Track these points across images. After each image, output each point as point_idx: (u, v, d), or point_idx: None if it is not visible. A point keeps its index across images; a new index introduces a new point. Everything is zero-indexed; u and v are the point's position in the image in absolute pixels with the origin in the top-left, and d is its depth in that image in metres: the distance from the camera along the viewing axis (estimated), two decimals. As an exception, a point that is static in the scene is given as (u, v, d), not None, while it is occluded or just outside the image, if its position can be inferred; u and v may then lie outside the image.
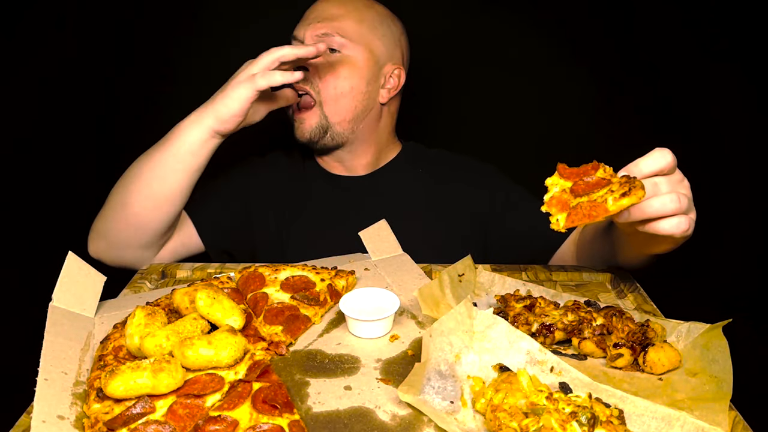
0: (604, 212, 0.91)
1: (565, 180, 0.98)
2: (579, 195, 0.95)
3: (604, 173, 0.95)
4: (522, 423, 0.77)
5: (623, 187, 0.91)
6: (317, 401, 0.89)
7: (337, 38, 1.54)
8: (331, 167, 1.68)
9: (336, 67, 1.54)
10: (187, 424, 0.82)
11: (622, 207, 0.90)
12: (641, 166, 0.98)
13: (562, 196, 0.97)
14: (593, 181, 0.94)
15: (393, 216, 1.45)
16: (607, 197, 0.91)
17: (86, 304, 1.08)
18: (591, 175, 0.95)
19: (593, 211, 0.92)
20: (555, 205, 0.97)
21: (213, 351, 0.92)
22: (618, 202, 0.90)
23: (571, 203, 0.95)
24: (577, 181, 0.96)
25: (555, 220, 0.96)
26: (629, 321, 1.01)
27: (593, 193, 0.94)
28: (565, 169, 0.99)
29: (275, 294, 1.13)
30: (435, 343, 0.90)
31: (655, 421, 0.80)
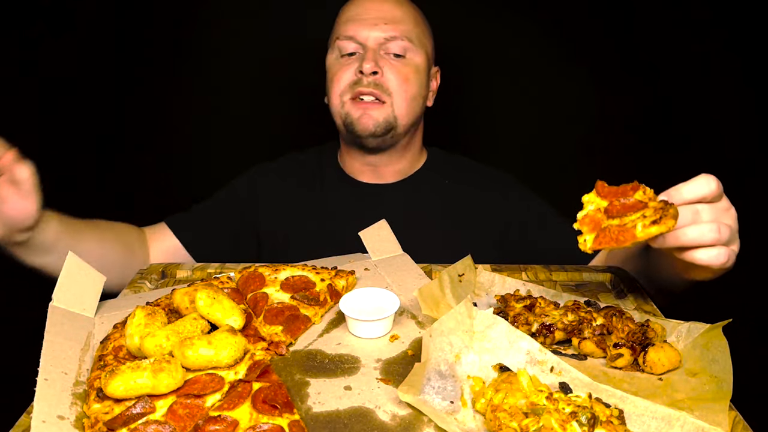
0: (631, 238, 0.89)
1: (602, 199, 0.95)
2: (612, 216, 0.92)
3: (643, 195, 0.92)
4: (522, 423, 0.77)
5: (656, 213, 0.88)
6: (317, 401, 0.89)
7: (404, 42, 1.52)
8: (359, 174, 1.64)
9: (405, 72, 1.52)
10: (187, 424, 0.82)
11: (649, 235, 0.88)
12: (682, 191, 0.94)
13: (596, 215, 0.94)
14: (629, 203, 0.91)
15: (418, 226, 1.44)
16: (637, 223, 0.89)
17: (86, 304, 1.08)
18: (629, 196, 0.92)
19: (621, 235, 0.89)
20: (587, 224, 0.94)
21: (213, 351, 0.92)
22: (646, 229, 0.87)
23: (603, 224, 0.93)
24: (613, 201, 0.93)
25: (583, 240, 0.93)
26: (629, 321, 1.01)
27: (626, 216, 0.91)
28: (603, 187, 0.95)
29: (275, 294, 1.13)
30: (435, 343, 0.90)
31: (655, 421, 0.80)
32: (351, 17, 1.54)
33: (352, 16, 1.54)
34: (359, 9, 1.54)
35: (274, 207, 1.63)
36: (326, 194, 1.63)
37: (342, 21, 1.56)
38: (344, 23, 1.55)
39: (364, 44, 1.51)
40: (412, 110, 1.54)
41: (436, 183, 1.64)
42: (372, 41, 1.50)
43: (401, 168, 1.63)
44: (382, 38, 1.51)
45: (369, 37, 1.51)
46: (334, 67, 1.55)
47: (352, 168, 1.64)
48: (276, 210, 1.63)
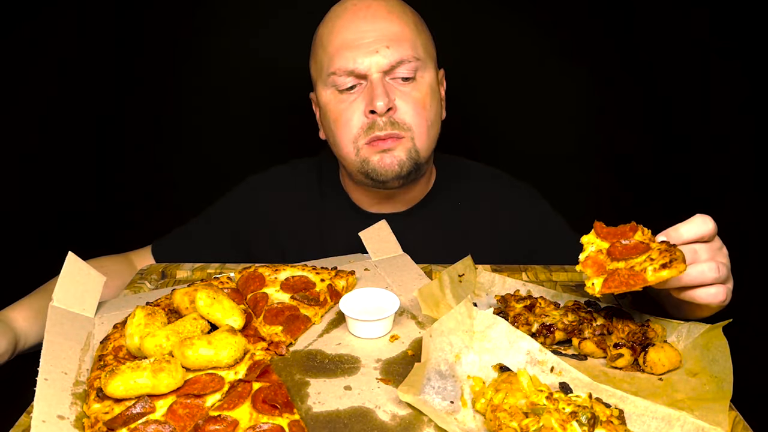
0: (642, 282, 0.88)
1: (601, 240, 0.95)
2: (616, 258, 0.93)
3: (642, 236, 0.93)
4: (522, 423, 0.77)
5: (663, 257, 0.88)
6: (317, 401, 0.89)
7: (412, 63, 1.31)
8: (367, 205, 1.49)
9: (420, 98, 1.33)
10: (187, 423, 0.82)
11: (661, 279, 0.87)
12: (681, 231, 0.93)
13: (597, 256, 0.94)
14: (631, 244, 0.92)
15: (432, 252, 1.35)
16: (647, 266, 0.88)
17: (86, 304, 1.08)
18: (629, 237, 0.93)
19: (631, 280, 0.89)
20: (590, 266, 0.94)
21: (213, 351, 0.92)
22: (657, 273, 0.87)
23: (608, 266, 0.93)
24: (614, 243, 0.93)
25: (591, 284, 0.93)
26: (629, 321, 1.01)
27: (631, 258, 0.91)
28: (602, 228, 0.96)
29: (275, 294, 1.13)
30: (435, 343, 0.90)
31: (655, 421, 0.80)
32: (344, 45, 1.30)
33: (346, 43, 1.30)
34: (352, 33, 1.30)
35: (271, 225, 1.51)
36: (329, 222, 1.49)
37: (333, 51, 1.32)
38: (338, 53, 1.31)
39: (366, 76, 1.30)
40: (433, 137, 1.37)
41: (448, 206, 1.50)
42: (375, 70, 1.29)
43: (414, 196, 1.48)
44: (386, 65, 1.29)
45: (371, 66, 1.29)
46: (335, 108, 1.34)
47: (359, 199, 1.49)
48: (273, 228, 1.51)
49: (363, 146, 1.33)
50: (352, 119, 1.32)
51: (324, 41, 1.35)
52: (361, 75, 1.30)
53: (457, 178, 1.55)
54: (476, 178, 1.56)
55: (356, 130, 1.32)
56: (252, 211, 1.53)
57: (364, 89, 1.31)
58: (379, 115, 1.29)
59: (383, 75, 1.30)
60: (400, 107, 1.31)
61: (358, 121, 1.32)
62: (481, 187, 1.54)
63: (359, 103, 1.32)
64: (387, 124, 1.30)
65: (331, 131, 1.37)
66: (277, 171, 1.58)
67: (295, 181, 1.55)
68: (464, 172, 1.56)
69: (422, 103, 1.33)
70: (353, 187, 1.49)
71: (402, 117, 1.31)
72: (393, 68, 1.30)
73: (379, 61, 1.29)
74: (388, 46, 1.29)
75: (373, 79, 1.30)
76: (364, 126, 1.31)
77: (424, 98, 1.33)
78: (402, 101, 1.31)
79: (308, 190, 1.54)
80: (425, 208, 1.50)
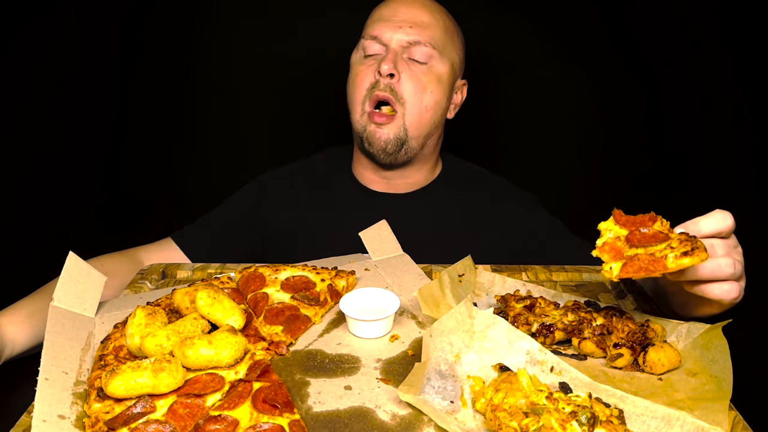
0: (662, 268, 0.87)
1: (620, 227, 0.94)
2: (635, 246, 0.91)
3: (661, 226, 0.92)
4: (522, 423, 0.77)
5: (684, 245, 0.87)
6: (317, 401, 0.89)
7: (428, 48, 1.46)
8: (371, 182, 1.60)
9: (424, 79, 1.46)
10: (187, 423, 0.82)
11: (681, 266, 0.86)
12: (701, 225, 0.93)
13: (615, 243, 0.93)
14: (650, 233, 0.91)
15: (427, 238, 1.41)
16: (667, 253, 0.87)
17: (87, 304, 1.08)
18: (648, 226, 0.92)
19: (651, 265, 0.88)
20: (607, 252, 0.93)
21: (213, 351, 0.92)
22: (679, 260, 0.86)
23: (626, 252, 0.92)
24: (633, 230, 0.92)
25: (608, 268, 0.92)
26: (629, 321, 1.02)
27: (651, 246, 0.90)
28: (621, 215, 0.95)
29: (275, 294, 1.13)
30: (435, 343, 0.90)
31: (655, 420, 0.80)
32: (379, 17, 1.51)
33: (380, 17, 1.50)
34: (388, 10, 1.50)
35: (285, 215, 1.60)
36: (338, 202, 1.60)
37: (370, 21, 1.53)
38: (372, 23, 1.51)
39: (387, 45, 1.47)
40: (425, 122, 1.49)
41: (449, 196, 1.60)
42: (395, 43, 1.46)
43: (415, 181, 1.59)
44: (405, 41, 1.46)
45: (392, 38, 1.46)
46: (356, 66, 1.52)
47: (364, 177, 1.61)
48: (286, 218, 1.59)
49: (366, 114, 1.48)
50: (363, 80, 1.48)
51: (372, 12, 1.55)
52: (383, 43, 1.47)
53: (460, 175, 1.64)
54: (479, 179, 1.65)
55: (363, 91, 1.48)
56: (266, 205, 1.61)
57: (381, 57, 1.47)
58: (382, 77, 1.44)
59: (401, 50, 1.46)
60: (403, 80, 1.45)
61: (367, 79, 1.48)
62: (482, 187, 1.62)
63: (374, 66, 1.48)
64: (387, 87, 1.45)
65: (349, 90, 1.53)
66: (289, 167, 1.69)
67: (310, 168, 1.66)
68: (468, 171, 1.66)
69: (423, 85, 1.46)
70: (359, 165, 1.61)
71: (401, 88, 1.45)
72: (410, 46, 1.46)
73: (400, 37, 1.46)
74: (411, 26, 1.46)
75: (391, 49, 1.47)
76: (369, 85, 1.47)
77: (428, 83, 1.47)
78: (407, 76, 1.45)
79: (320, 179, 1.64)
80: (426, 193, 1.60)
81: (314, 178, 1.64)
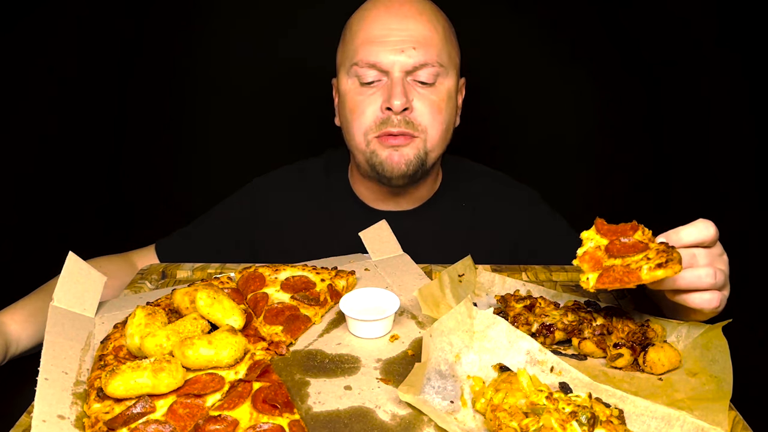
0: (636, 280, 0.88)
1: (601, 236, 0.96)
2: (614, 255, 0.93)
3: (642, 236, 0.93)
4: (522, 423, 0.77)
5: (660, 256, 0.88)
6: (317, 401, 0.89)
7: (435, 68, 1.33)
8: (373, 202, 1.51)
9: (437, 101, 1.35)
10: (187, 423, 0.82)
11: (655, 278, 0.87)
12: (682, 234, 0.93)
13: (596, 252, 0.95)
14: (630, 242, 0.92)
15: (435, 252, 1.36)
16: (642, 265, 0.89)
17: (86, 304, 1.08)
18: (629, 235, 0.93)
19: (626, 277, 0.89)
20: (588, 261, 0.95)
21: (213, 351, 0.92)
22: (652, 272, 0.87)
23: (604, 262, 0.93)
24: (613, 240, 0.94)
25: (585, 279, 0.94)
26: (629, 321, 1.02)
27: (628, 256, 0.92)
28: (603, 224, 0.96)
29: (275, 294, 1.13)
30: (435, 343, 0.90)
31: (655, 420, 0.80)
32: (371, 38, 1.32)
33: (373, 38, 1.32)
34: (380, 29, 1.32)
35: (277, 227, 1.52)
36: (336, 221, 1.51)
37: (360, 42, 1.34)
38: (363, 46, 1.33)
39: (389, 72, 1.32)
40: (444, 141, 1.40)
41: (454, 206, 1.52)
42: (398, 69, 1.31)
43: (420, 195, 1.50)
44: (410, 66, 1.31)
45: (395, 64, 1.31)
46: (353, 98, 1.37)
47: (365, 196, 1.51)
48: (278, 231, 1.53)
49: (373, 139, 1.35)
50: (366, 112, 1.35)
51: (353, 31, 1.38)
52: (383, 70, 1.33)
53: (462, 179, 1.57)
54: (480, 179, 1.58)
55: (369, 123, 1.35)
56: (257, 212, 1.54)
57: (384, 85, 1.34)
58: (394, 113, 1.32)
59: (405, 74, 1.33)
60: (416, 108, 1.33)
61: (373, 114, 1.35)
62: (485, 189, 1.56)
63: (377, 97, 1.34)
64: (401, 122, 1.32)
65: (346, 119, 1.40)
66: (283, 171, 1.60)
67: (301, 182, 1.57)
68: (469, 173, 1.59)
69: (438, 108, 1.35)
70: (361, 183, 1.51)
71: (417, 118, 1.34)
72: (416, 69, 1.32)
73: (403, 60, 1.31)
74: (414, 47, 1.31)
75: (395, 77, 1.32)
76: (378, 120, 1.34)
77: (440, 103, 1.36)
78: (419, 102, 1.34)
79: (314, 190, 1.55)
80: (431, 207, 1.52)
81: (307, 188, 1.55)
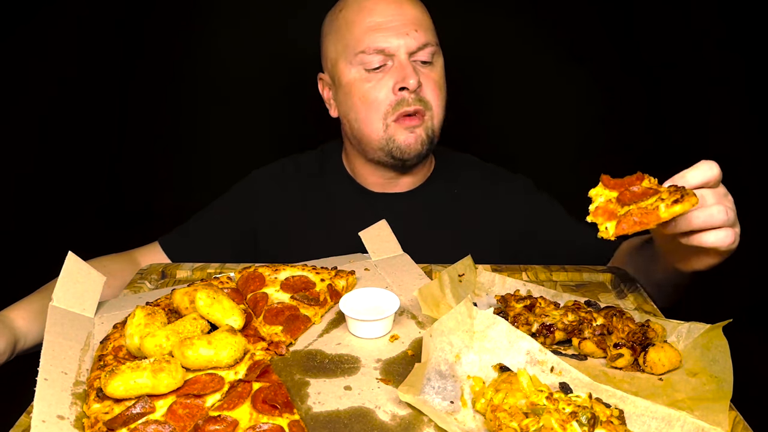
0: (656, 219, 0.89)
1: (610, 190, 0.96)
2: (627, 204, 0.93)
3: (649, 183, 0.93)
4: (522, 423, 0.77)
5: (674, 194, 0.89)
6: (317, 401, 0.89)
7: (432, 47, 1.41)
8: (371, 184, 1.55)
9: (437, 78, 1.43)
10: (187, 424, 0.82)
11: (674, 214, 0.88)
12: (688, 177, 0.95)
13: (608, 206, 0.95)
14: (640, 190, 0.93)
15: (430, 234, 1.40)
16: (659, 204, 0.89)
17: (86, 304, 1.08)
18: (636, 185, 0.94)
19: (644, 218, 0.90)
20: (601, 215, 0.95)
21: (213, 351, 0.92)
22: (670, 208, 0.88)
23: (619, 212, 0.93)
24: (623, 191, 0.94)
25: (604, 228, 0.94)
26: (629, 321, 1.01)
27: (642, 201, 0.92)
28: (609, 179, 0.97)
29: (275, 294, 1.13)
30: (435, 343, 0.90)
31: (655, 421, 0.80)
32: (374, 26, 1.39)
33: (377, 24, 1.39)
34: (381, 15, 1.39)
35: (277, 218, 1.56)
36: (334, 203, 1.55)
37: (363, 31, 1.40)
38: (368, 33, 1.39)
39: (395, 55, 1.39)
40: (443, 117, 1.46)
41: (447, 190, 1.57)
42: (404, 52, 1.38)
43: (416, 179, 1.55)
44: (414, 47, 1.39)
45: (401, 47, 1.38)
46: (361, 86, 1.41)
47: (363, 179, 1.55)
48: (278, 221, 1.55)
49: (392, 123, 1.40)
50: (379, 96, 1.40)
51: (351, 21, 1.43)
52: (389, 54, 1.39)
53: (453, 167, 1.61)
54: (472, 168, 1.62)
55: (385, 107, 1.40)
56: (257, 202, 1.57)
57: (392, 68, 1.40)
58: (410, 91, 1.38)
59: (408, 56, 1.39)
60: (423, 86, 1.40)
61: (386, 98, 1.40)
62: (478, 176, 1.60)
63: (387, 80, 1.40)
64: (415, 100, 1.39)
65: (355, 109, 1.44)
66: (280, 163, 1.63)
67: (297, 172, 1.60)
68: (460, 162, 1.63)
69: (439, 85, 1.44)
70: (363, 168, 1.54)
71: (426, 95, 1.41)
72: (418, 50, 1.40)
73: (408, 42, 1.38)
74: (416, 29, 1.39)
75: (401, 59, 1.39)
76: (393, 103, 1.40)
77: (440, 80, 1.45)
78: (424, 80, 1.41)
79: (312, 179, 1.59)
80: (425, 191, 1.57)
81: (304, 177, 1.59)
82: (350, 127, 1.48)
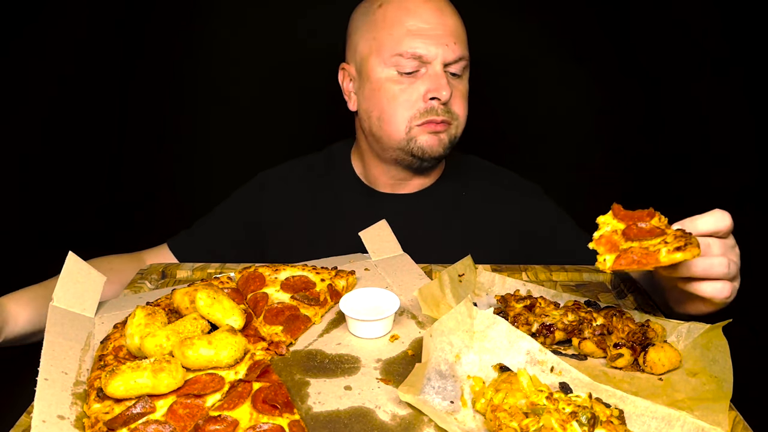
0: (655, 262, 0.89)
1: (618, 221, 0.96)
2: (631, 239, 0.93)
3: (658, 222, 0.93)
4: (522, 423, 0.77)
5: (678, 240, 0.88)
6: (317, 401, 0.89)
7: (465, 62, 1.43)
8: (381, 185, 1.55)
9: (464, 92, 1.46)
10: (187, 423, 0.82)
11: (673, 261, 0.88)
12: (698, 223, 0.94)
13: (612, 236, 0.95)
14: (647, 227, 0.92)
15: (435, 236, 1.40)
16: (661, 248, 0.89)
17: (86, 304, 1.08)
18: (645, 221, 0.93)
19: (644, 258, 0.89)
20: (604, 244, 0.94)
21: (213, 351, 0.92)
22: (671, 255, 0.87)
23: (621, 245, 0.93)
24: (630, 225, 0.94)
25: (602, 260, 0.94)
26: (629, 321, 1.01)
27: (646, 240, 0.92)
28: (620, 210, 0.96)
29: (275, 294, 1.13)
30: (435, 343, 0.90)
31: (655, 421, 0.80)
32: (416, 31, 1.37)
33: (418, 30, 1.37)
34: (423, 21, 1.38)
35: (286, 219, 1.57)
36: (341, 203, 1.55)
37: (404, 33, 1.38)
38: (408, 37, 1.37)
39: (430, 64, 1.39)
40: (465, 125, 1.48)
41: (455, 193, 1.56)
42: (440, 62, 1.38)
43: (425, 181, 1.55)
44: (450, 59, 1.39)
45: (438, 56, 1.37)
46: (392, 87, 1.41)
47: (374, 178, 1.55)
48: (285, 221, 1.56)
49: (416, 127, 1.41)
50: (410, 100, 1.40)
51: (391, 20, 1.40)
52: (425, 62, 1.39)
53: (463, 170, 1.61)
54: (482, 172, 1.62)
55: (413, 112, 1.40)
56: (264, 202, 1.58)
57: (425, 76, 1.40)
58: (441, 102, 1.39)
59: (443, 66, 1.39)
60: (453, 98, 1.42)
61: (416, 104, 1.40)
62: (487, 180, 1.60)
63: (419, 86, 1.40)
64: (443, 111, 1.40)
65: (380, 107, 1.43)
66: (289, 165, 1.64)
67: (306, 172, 1.61)
68: (470, 165, 1.63)
69: (465, 97, 1.46)
70: (375, 167, 1.54)
71: (454, 107, 1.43)
72: (454, 63, 1.40)
73: (446, 53, 1.38)
74: (455, 42, 1.40)
75: (437, 69, 1.39)
76: (422, 110, 1.40)
77: (466, 93, 1.47)
78: (454, 92, 1.42)
79: (320, 179, 1.59)
80: (433, 193, 1.56)
81: (312, 177, 1.60)
82: (370, 123, 1.46)
